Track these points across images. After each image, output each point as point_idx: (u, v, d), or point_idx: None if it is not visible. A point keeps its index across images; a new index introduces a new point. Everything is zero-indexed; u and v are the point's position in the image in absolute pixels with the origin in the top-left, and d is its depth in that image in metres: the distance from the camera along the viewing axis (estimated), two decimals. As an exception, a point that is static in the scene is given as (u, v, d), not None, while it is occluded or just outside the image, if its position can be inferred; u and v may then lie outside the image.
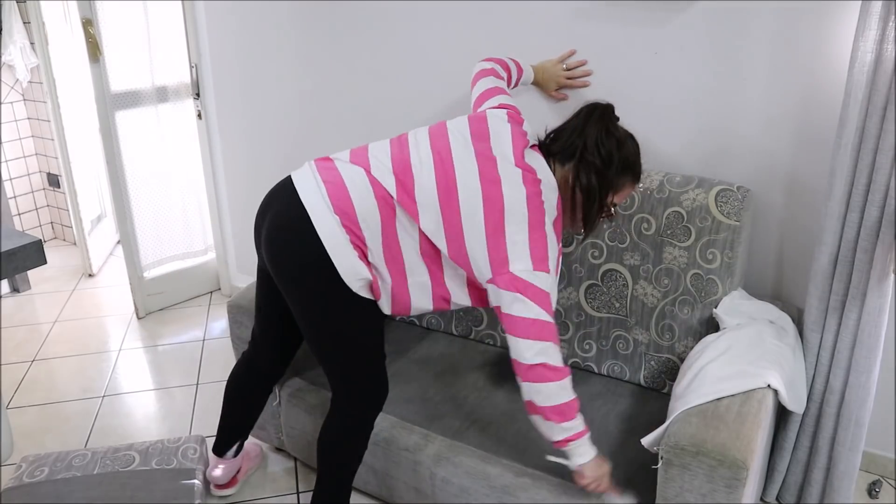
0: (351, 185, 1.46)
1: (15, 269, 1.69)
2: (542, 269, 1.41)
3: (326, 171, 1.50)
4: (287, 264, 1.50)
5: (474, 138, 1.50)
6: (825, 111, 1.77)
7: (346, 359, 1.60)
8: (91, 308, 3.22)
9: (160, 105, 3.00)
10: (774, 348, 1.60)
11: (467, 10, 2.21)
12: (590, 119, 1.51)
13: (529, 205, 1.42)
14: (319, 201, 1.45)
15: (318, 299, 1.51)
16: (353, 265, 1.46)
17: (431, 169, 1.47)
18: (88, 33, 2.67)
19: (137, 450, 2.00)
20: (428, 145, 1.51)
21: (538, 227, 1.42)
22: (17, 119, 3.73)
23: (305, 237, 1.44)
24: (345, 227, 1.44)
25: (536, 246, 1.41)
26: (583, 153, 1.48)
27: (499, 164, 1.46)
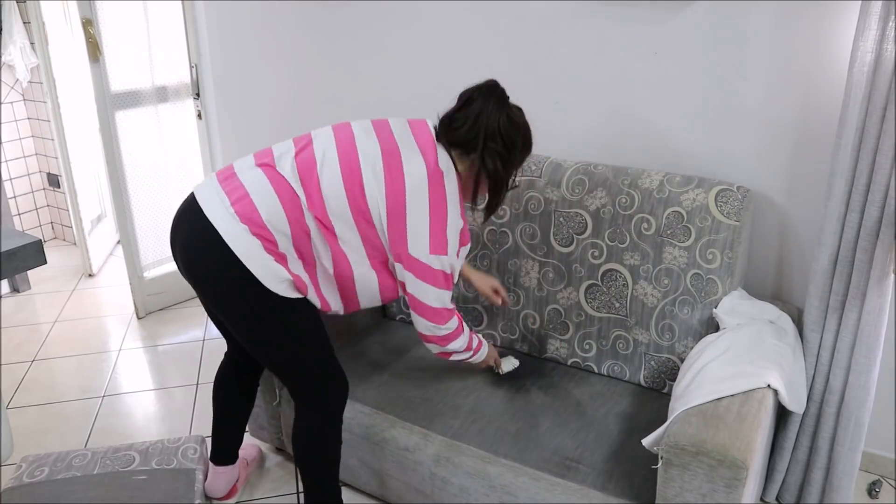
0: (253, 191, 1.46)
1: (15, 269, 1.69)
2: (438, 252, 1.49)
3: (228, 181, 1.49)
4: (209, 283, 1.49)
5: (377, 129, 1.55)
6: (825, 111, 1.77)
7: (294, 362, 1.59)
8: (91, 308, 3.22)
9: (160, 105, 3.00)
10: (774, 348, 1.60)
11: (467, 11, 2.21)
12: (487, 104, 1.51)
13: (431, 191, 1.48)
14: (224, 214, 1.44)
15: (247, 311, 1.50)
16: (271, 269, 1.45)
17: (335, 158, 1.48)
18: (88, 33, 2.67)
19: (137, 450, 1.99)
20: (331, 136, 1.53)
21: (439, 210, 1.48)
22: (17, 119, 3.73)
23: (218, 253, 1.43)
24: (254, 234, 1.43)
25: (436, 231, 1.48)
26: (486, 142, 1.51)
27: (402, 151, 1.50)
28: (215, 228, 1.44)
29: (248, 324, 1.52)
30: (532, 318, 2.07)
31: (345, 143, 1.51)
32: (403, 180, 1.47)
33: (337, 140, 1.52)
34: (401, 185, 1.47)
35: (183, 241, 1.51)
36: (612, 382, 1.95)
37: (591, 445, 1.67)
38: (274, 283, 1.46)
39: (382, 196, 1.47)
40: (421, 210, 1.48)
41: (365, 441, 1.80)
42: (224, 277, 1.46)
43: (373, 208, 1.48)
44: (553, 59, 2.12)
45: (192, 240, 1.49)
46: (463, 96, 1.56)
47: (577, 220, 1.95)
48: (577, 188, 1.96)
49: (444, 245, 1.50)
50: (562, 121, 2.16)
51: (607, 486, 1.54)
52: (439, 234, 1.49)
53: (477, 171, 1.55)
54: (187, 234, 1.50)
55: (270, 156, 1.52)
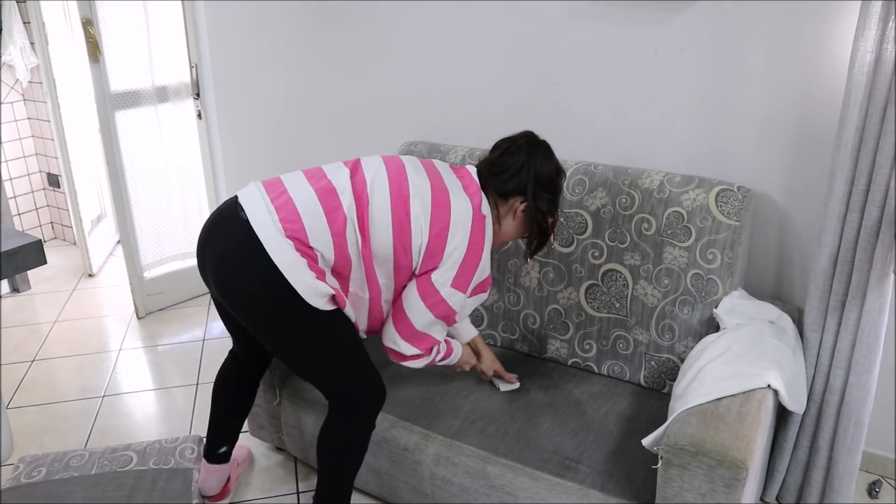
0: (303, 210, 1.45)
1: (15, 269, 1.69)
2: (458, 289, 1.53)
3: (276, 194, 1.48)
4: (243, 293, 1.47)
5: (425, 166, 1.60)
6: (825, 111, 1.77)
7: (330, 371, 1.59)
8: (91, 308, 3.22)
9: (160, 105, 3.00)
10: (774, 348, 1.60)
11: (467, 11, 2.21)
12: (535, 156, 1.61)
13: (473, 231, 1.53)
14: (270, 226, 1.43)
15: (282, 324, 1.49)
16: (313, 286, 1.44)
17: (386, 182, 1.51)
18: (88, 33, 2.67)
19: (135, 450, 2.00)
20: (381, 163, 1.55)
21: (475, 251, 1.53)
22: (17, 119, 3.73)
23: (260, 265, 1.41)
24: (299, 251, 1.43)
25: (465, 269, 1.53)
26: (536, 189, 1.60)
27: (449, 190, 1.55)
28: (259, 239, 1.41)
29: (283, 336, 1.52)
30: (532, 318, 2.07)
31: (395, 171, 1.54)
32: (450, 214, 1.51)
33: (387, 167, 1.54)
34: (447, 220, 1.51)
35: (219, 245, 1.48)
36: (612, 382, 1.95)
37: (591, 445, 1.67)
38: (315, 298, 1.45)
39: (427, 226, 1.50)
40: (460, 246, 1.51)
41: (365, 441, 1.80)
42: (263, 289, 1.44)
43: (415, 238, 1.50)
44: (553, 60, 2.12)
45: (231, 246, 1.46)
46: (501, 146, 1.65)
47: (577, 220, 1.95)
48: (578, 188, 1.96)
49: (467, 284, 1.54)
50: (562, 121, 2.16)
51: (607, 486, 1.54)
52: (467, 273, 1.53)
53: (522, 217, 1.63)
54: (226, 238, 1.47)
55: (323, 175, 1.52)
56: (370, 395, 1.64)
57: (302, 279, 1.43)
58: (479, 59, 2.26)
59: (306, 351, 1.55)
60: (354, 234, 1.48)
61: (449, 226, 1.51)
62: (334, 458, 1.66)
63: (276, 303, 1.45)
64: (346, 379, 1.61)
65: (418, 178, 1.54)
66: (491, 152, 1.67)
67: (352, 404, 1.63)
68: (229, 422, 1.90)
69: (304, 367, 1.61)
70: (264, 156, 2.94)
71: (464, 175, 1.63)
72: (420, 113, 2.44)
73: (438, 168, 1.62)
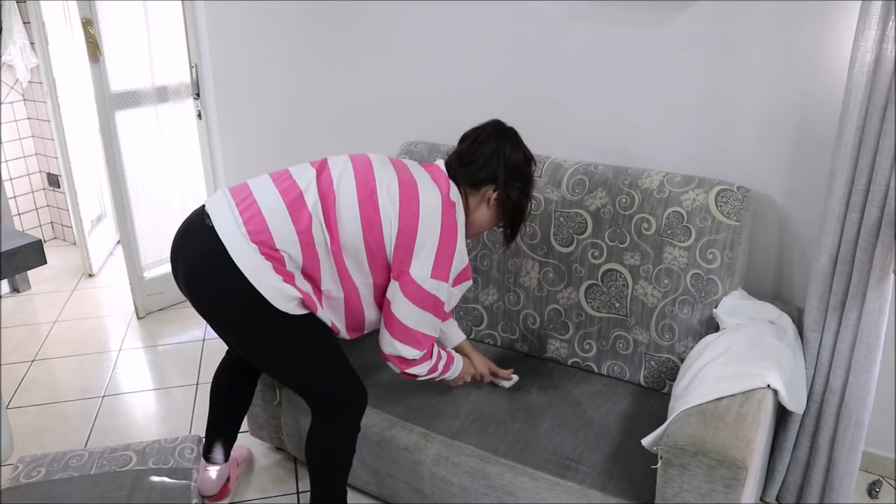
0: (267, 211, 1.45)
1: (15, 269, 1.69)
2: (440, 278, 1.51)
3: (242, 199, 1.48)
4: (211, 301, 1.48)
5: (393, 161, 1.60)
6: (825, 111, 1.77)
7: (307, 375, 1.59)
8: (91, 308, 3.22)
9: (160, 105, 3.00)
10: (774, 348, 1.60)
11: (466, 11, 2.21)
12: (503, 144, 1.60)
13: (444, 219, 1.51)
14: (235, 231, 1.43)
15: (254, 330, 1.49)
16: (280, 290, 1.44)
17: (352, 178, 1.50)
18: (88, 33, 2.67)
19: (134, 450, 2.00)
20: (348, 160, 1.55)
21: (449, 239, 1.52)
22: (17, 119, 3.73)
23: (225, 270, 1.42)
24: (264, 254, 1.43)
25: (442, 257, 1.51)
26: (507, 178, 1.59)
27: (417, 181, 1.54)
28: (224, 246, 1.42)
29: (256, 342, 1.52)
30: (532, 318, 2.07)
31: (361, 167, 1.53)
32: (418, 205, 1.50)
33: (354, 164, 1.54)
34: (415, 209, 1.50)
35: (188, 255, 1.50)
36: (612, 382, 1.95)
37: (591, 445, 1.67)
38: (283, 302, 1.45)
39: (396, 217, 1.49)
40: (432, 235, 1.50)
41: (365, 441, 1.80)
42: (230, 296, 1.44)
43: (385, 229, 1.49)
44: (553, 60, 2.12)
45: (199, 255, 1.47)
46: (469, 136, 1.63)
47: (577, 220, 1.95)
48: (578, 188, 1.96)
49: (447, 273, 1.52)
50: (562, 121, 2.16)
51: (607, 486, 1.54)
52: (445, 261, 1.51)
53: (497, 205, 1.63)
54: (194, 248, 1.49)
55: (289, 176, 1.52)
56: (351, 398, 1.64)
57: (268, 283, 1.42)
58: (478, 58, 2.26)
59: (281, 356, 1.54)
60: (322, 233, 1.47)
61: (419, 215, 1.49)
62: (322, 463, 1.67)
63: (246, 309, 1.45)
64: (324, 383, 1.60)
65: (385, 171, 1.54)
66: (459, 143, 1.67)
67: (333, 408, 1.63)
68: (228, 421, 1.90)
69: (281, 373, 1.61)
70: (264, 156, 2.94)
71: (432, 169, 1.62)
72: (420, 113, 2.44)
73: (407, 163, 1.62)
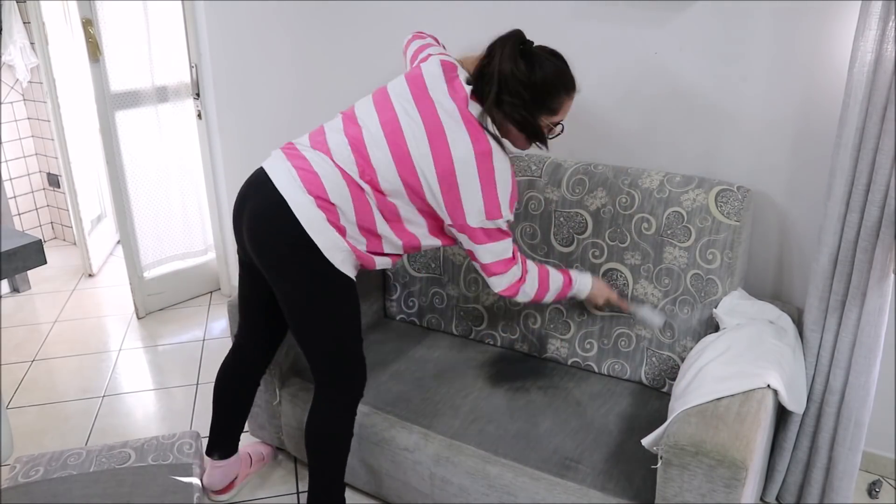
0: (319, 168, 1.53)
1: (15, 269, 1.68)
2: (494, 217, 1.55)
3: (295, 157, 1.56)
4: (270, 249, 1.55)
5: (417, 102, 1.56)
6: (825, 111, 1.77)
7: (331, 340, 1.63)
8: (91, 308, 3.22)
9: (160, 105, 3.00)
10: (774, 348, 1.60)
11: (467, 11, 2.21)
12: (500, 55, 1.51)
13: (478, 162, 1.51)
14: (294, 185, 1.51)
15: (302, 279, 1.55)
16: (332, 240, 1.52)
17: (385, 146, 1.54)
18: (88, 33, 2.67)
19: (133, 447, 1.99)
20: (377, 122, 1.56)
21: (489, 182, 1.53)
22: (17, 119, 3.73)
23: (285, 221, 1.50)
24: (320, 206, 1.50)
25: (489, 198, 1.53)
26: (499, 94, 1.52)
27: (445, 126, 1.52)
28: (284, 198, 1.50)
29: (304, 289, 1.57)
30: (533, 318, 2.07)
31: (390, 125, 1.55)
32: (451, 157, 1.51)
33: (382, 122, 1.55)
34: (449, 163, 1.51)
35: (252, 209, 1.57)
36: (612, 382, 1.95)
37: (591, 445, 1.67)
38: (332, 252, 1.52)
39: (433, 174, 1.52)
40: (472, 182, 1.52)
41: (365, 441, 1.80)
42: (286, 243, 1.52)
43: (425, 186, 1.54)
44: (553, 59, 2.11)
45: (262, 208, 1.54)
46: (488, 49, 1.56)
47: (577, 219, 1.95)
48: (578, 188, 1.96)
49: (497, 209, 1.55)
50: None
51: (607, 486, 1.54)
52: (492, 201, 1.54)
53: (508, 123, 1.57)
54: (257, 200, 1.56)
55: (324, 140, 1.58)
56: (357, 377, 1.69)
57: (321, 232, 1.50)
58: (479, 59, 2.25)
59: (316, 314, 1.60)
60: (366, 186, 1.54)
61: (454, 168, 1.51)
62: (324, 446, 1.70)
63: (299, 257, 1.52)
64: (342, 355, 1.66)
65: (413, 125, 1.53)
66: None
67: (342, 383, 1.68)
68: (232, 419, 1.91)
69: (309, 334, 1.64)
70: (264, 156, 2.93)
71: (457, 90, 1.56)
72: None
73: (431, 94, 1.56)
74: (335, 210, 1.51)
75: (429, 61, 1.63)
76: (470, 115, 1.53)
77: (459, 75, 1.58)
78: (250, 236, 1.57)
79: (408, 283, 2.25)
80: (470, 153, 1.51)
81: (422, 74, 1.59)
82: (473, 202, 1.53)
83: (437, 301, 2.22)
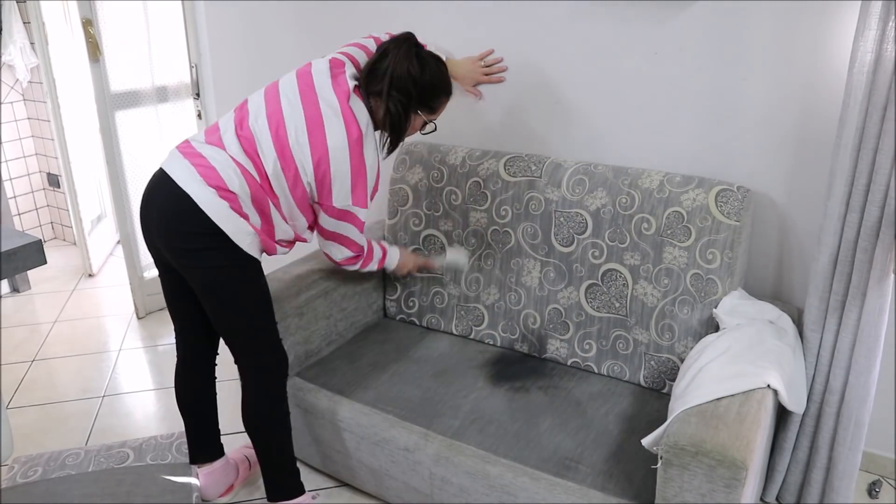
0: (215, 163, 1.60)
1: (15, 269, 1.68)
2: (358, 203, 1.68)
3: (191, 155, 1.63)
4: (182, 242, 1.61)
5: (302, 96, 1.66)
6: (825, 111, 1.77)
7: (247, 319, 1.70)
8: (91, 308, 3.22)
9: (160, 105, 3.00)
10: (774, 348, 1.60)
11: (467, 11, 2.21)
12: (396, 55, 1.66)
13: (351, 150, 1.62)
14: (194, 180, 1.59)
15: (214, 265, 1.62)
16: (237, 225, 1.60)
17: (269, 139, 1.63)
18: (88, 33, 2.67)
19: (131, 447, 2.00)
20: (264, 114, 1.66)
21: (359, 170, 1.64)
22: (17, 119, 3.73)
23: (192, 213, 1.57)
24: (222, 196, 1.58)
25: (357, 184, 1.65)
26: (388, 90, 1.66)
27: (324, 117, 1.62)
28: (188, 194, 1.57)
29: (215, 281, 1.64)
30: (532, 318, 2.07)
31: (275, 118, 1.64)
32: (327, 146, 1.61)
33: (268, 114, 1.65)
34: (325, 151, 1.61)
35: (159, 208, 1.64)
36: (612, 382, 1.95)
37: (591, 445, 1.67)
38: (241, 236, 1.61)
39: (309, 162, 1.61)
40: (343, 169, 1.63)
41: (365, 441, 1.80)
42: (196, 233, 1.59)
43: (301, 172, 1.63)
44: (553, 60, 2.12)
45: (169, 204, 1.60)
46: (379, 48, 1.71)
47: (577, 219, 1.95)
48: (578, 188, 1.96)
49: (364, 198, 1.68)
50: (562, 121, 2.16)
51: (607, 486, 1.54)
52: (360, 188, 1.66)
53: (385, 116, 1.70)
54: (163, 201, 1.62)
55: (218, 135, 1.66)
56: (277, 359, 1.77)
57: (228, 219, 1.59)
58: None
59: (232, 300, 1.67)
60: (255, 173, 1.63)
61: (328, 157, 1.61)
62: (265, 431, 1.77)
63: (209, 247, 1.60)
64: (261, 334, 1.73)
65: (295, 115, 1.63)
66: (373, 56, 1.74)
67: (262, 367, 1.75)
68: (203, 422, 1.94)
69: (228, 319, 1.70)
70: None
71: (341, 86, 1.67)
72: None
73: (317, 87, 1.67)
74: (236, 198, 1.59)
75: (322, 59, 1.73)
76: (348, 107, 1.63)
77: (346, 72, 1.69)
78: (161, 234, 1.63)
79: (408, 283, 2.25)
80: (344, 141, 1.61)
81: (310, 71, 1.70)
82: (342, 187, 1.64)
83: (437, 301, 2.22)
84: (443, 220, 2.17)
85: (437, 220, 2.18)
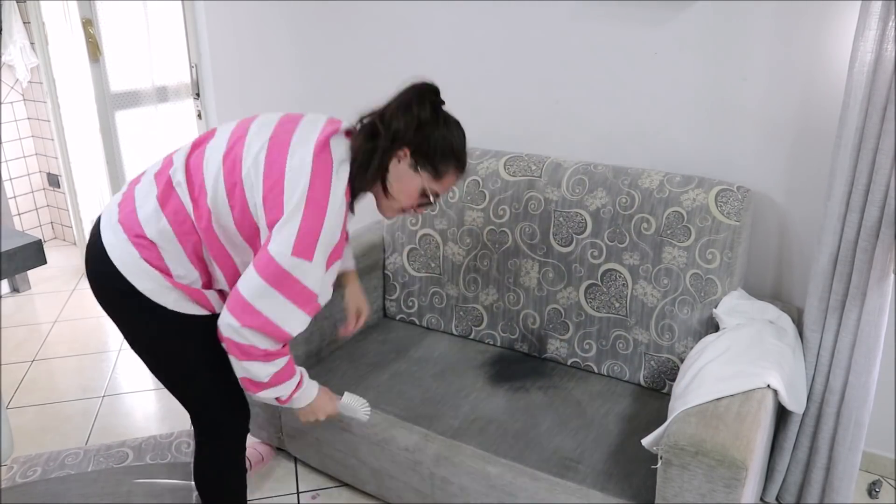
0: (139, 200, 1.39)
1: (15, 269, 1.69)
2: (302, 256, 1.27)
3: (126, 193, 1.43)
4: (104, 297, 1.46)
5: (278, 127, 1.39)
6: (825, 111, 1.77)
7: (188, 384, 1.52)
8: (91, 308, 3.22)
9: (160, 105, 3.01)
10: (774, 348, 1.60)
11: (467, 11, 2.21)
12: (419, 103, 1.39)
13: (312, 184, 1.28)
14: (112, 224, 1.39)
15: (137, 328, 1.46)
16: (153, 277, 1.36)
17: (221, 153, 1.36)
18: (88, 33, 2.68)
19: (130, 446, 1.99)
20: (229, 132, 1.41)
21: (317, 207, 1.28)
22: (17, 119, 3.73)
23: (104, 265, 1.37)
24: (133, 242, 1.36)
25: (307, 229, 1.27)
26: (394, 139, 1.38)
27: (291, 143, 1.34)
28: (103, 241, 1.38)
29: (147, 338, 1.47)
30: (532, 318, 2.07)
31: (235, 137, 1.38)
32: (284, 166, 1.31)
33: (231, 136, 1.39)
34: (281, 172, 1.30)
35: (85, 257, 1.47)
36: (612, 382, 1.95)
37: (591, 445, 1.67)
38: (157, 293, 1.37)
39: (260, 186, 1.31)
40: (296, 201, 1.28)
41: (365, 441, 1.80)
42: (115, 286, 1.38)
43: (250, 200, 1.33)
44: (553, 60, 2.12)
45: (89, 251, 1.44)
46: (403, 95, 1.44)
47: (576, 219, 1.95)
48: (577, 188, 1.96)
49: (311, 248, 1.28)
50: (562, 121, 2.16)
51: (607, 486, 1.54)
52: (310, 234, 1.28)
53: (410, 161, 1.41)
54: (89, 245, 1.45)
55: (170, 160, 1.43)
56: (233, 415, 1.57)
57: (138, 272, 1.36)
58: (478, 58, 2.26)
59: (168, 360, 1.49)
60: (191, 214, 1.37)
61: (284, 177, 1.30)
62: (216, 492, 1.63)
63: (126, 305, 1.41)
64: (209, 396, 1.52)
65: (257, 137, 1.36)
66: None
67: (217, 426, 1.57)
68: None
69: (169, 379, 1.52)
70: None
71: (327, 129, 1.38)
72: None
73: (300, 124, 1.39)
74: (152, 244, 1.35)
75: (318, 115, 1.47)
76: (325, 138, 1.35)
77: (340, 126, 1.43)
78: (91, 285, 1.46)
79: (407, 283, 2.25)
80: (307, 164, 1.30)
81: (302, 115, 1.44)
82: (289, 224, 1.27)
83: (436, 301, 2.22)
84: (437, 218, 2.17)
85: (431, 219, 2.18)
